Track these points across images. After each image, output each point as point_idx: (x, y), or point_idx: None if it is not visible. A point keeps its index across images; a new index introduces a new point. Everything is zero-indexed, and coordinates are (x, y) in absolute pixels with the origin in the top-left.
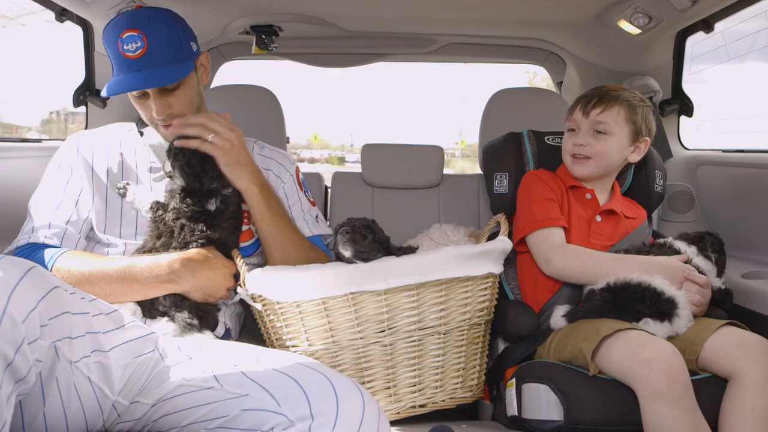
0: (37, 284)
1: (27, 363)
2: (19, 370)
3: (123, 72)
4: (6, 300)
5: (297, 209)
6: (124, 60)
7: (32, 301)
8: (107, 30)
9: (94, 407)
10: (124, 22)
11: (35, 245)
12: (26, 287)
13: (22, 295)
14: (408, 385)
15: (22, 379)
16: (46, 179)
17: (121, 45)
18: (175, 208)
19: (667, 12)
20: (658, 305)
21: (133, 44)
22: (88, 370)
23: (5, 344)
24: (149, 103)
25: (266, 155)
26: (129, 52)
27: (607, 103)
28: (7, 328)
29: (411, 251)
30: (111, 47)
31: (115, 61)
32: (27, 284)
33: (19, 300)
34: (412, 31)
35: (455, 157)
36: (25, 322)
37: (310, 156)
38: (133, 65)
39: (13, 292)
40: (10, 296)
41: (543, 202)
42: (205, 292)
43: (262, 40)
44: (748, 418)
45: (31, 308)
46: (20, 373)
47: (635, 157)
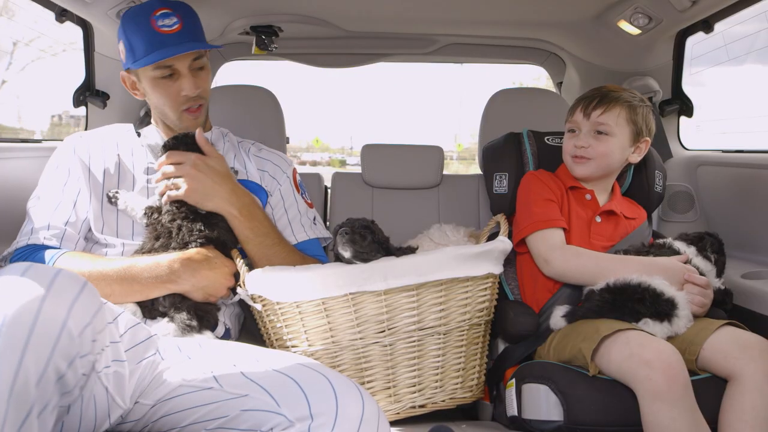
0: (92, 299)
1: (76, 377)
2: (67, 384)
3: (159, 47)
4: (66, 314)
5: (293, 212)
6: (159, 35)
7: (88, 316)
8: (131, 14)
9: (103, 414)
10: (154, 2)
11: (34, 246)
12: (84, 302)
13: (81, 310)
14: (408, 385)
15: (68, 392)
16: (44, 180)
17: (156, 22)
18: (169, 210)
19: (667, 12)
20: (658, 306)
21: (169, 20)
22: (107, 380)
23: (60, 358)
24: (179, 84)
25: (263, 156)
26: (165, 27)
27: (608, 104)
28: (64, 342)
29: (410, 251)
30: (142, 26)
31: (147, 38)
32: (85, 299)
33: (78, 314)
34: (411, 31)
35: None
36: (81, 337)
37: (311, 159)
38: (172, 38)
39: (73, 307)
40: (70, 310)
41: (543, 202)
42: (206, 292)
43: (262, 40)
44: (748, 419)
45: (87, 323)
46: (68, 386)
47: (636, 157)
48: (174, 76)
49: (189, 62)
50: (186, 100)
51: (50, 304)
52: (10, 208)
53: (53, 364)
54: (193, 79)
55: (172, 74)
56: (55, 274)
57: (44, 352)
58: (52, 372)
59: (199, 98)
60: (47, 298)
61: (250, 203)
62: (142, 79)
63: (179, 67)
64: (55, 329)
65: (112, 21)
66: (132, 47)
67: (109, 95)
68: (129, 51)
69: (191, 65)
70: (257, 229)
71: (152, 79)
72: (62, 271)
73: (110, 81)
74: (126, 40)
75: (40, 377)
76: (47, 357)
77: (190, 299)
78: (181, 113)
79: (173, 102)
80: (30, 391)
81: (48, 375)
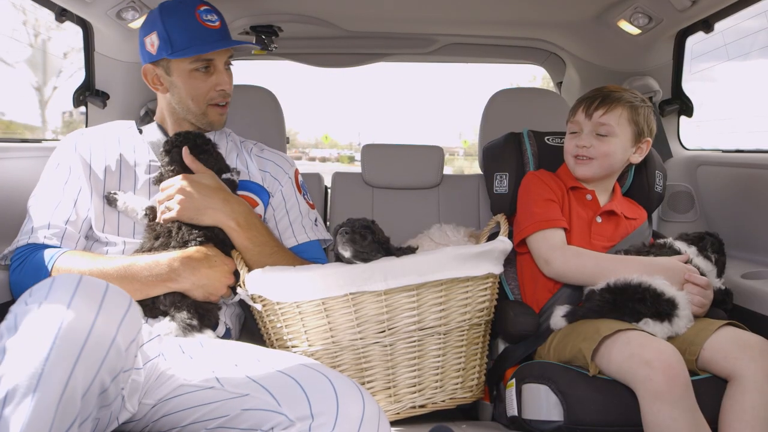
0: (137, 315)
1: (117, 391)
2: (108, 397)
3: (204, 40)
4: (116, 330)
5: (295, 213)
6: (205, 29)
7: (134, 332)
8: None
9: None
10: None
11: (35, 245)
12: (131, 318)
13: (128, 326)
14: (408, 385)
15: (107, 405)
16: (45, 178)
17: (201, 16)
18: None
19: (667, 12)
20: (658, 306)
21: (212, 16)
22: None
23: (106, 373)
24: (214, 78)
25: (265, 157)
26: (210, 23)
27: (610, 104)
28: (112, 357)
29: (411, 251)
30: (185, 19)
31: (193, 32)
32: (132, 315)
33: (126, 331)
34: (412, 31)
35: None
36: (126, 352)
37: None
38: (215, 34)
39: (122, 323)
40: (119, 327)
41: (543, 203)
42: (206, 290)
43: (262, 40)
44: (747, 419)
45: (132, 339)
46: (108, 399)
47: (637, 157)
48: (210, 71)
49: (225, 58)
50: (217, 96)
51: (102, 321)
52: (11, 208)
53: (99, 378)
54: (227, 76)
55: (208, 68)
56: (105, 289)
57: (93, 366)
58: (97, 385)
59: (228, 96)
60: (100, 314)
61: (246, 212)
62: (173, 72)
63: (217, 63)
64: (105, 345)
65: (112, 21)
66: (170, 38)
67: (109, 95)
68: (165, 42)
69: (226, 62)
70: (255, 238)
71: (188, 72)
72: (111, 287)
73: (110, 81)
74: (164, 32)
75: (86, 390)
76: (95, 371)
77: (190, 298)
78: (208, 107)
79: (203, 95)
80: (76, 402)
81: (94, 388)
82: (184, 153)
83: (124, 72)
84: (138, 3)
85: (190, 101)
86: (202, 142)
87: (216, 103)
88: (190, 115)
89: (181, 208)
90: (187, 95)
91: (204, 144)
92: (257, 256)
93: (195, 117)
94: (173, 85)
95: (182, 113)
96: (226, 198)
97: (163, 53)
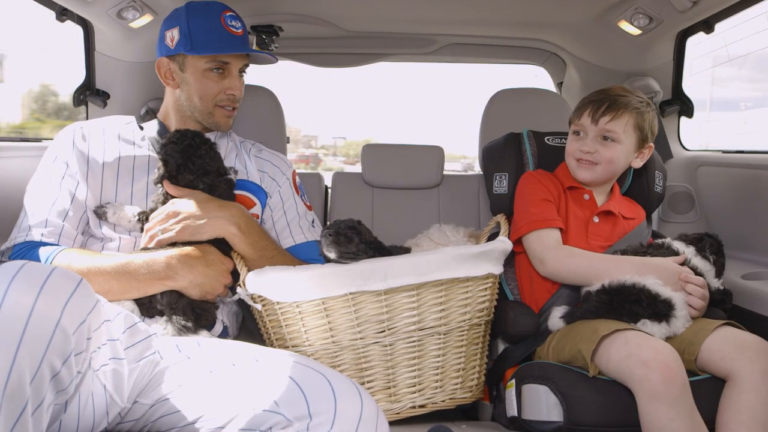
0: (87, 297)
1: (71, 375)
2: (62, 382)
3: (224, 43)
4: (60, 312)
5: (292, 213)
6: (229, 35)
7: (83, 314)
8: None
9: (102, 412)
10: (221, 4)
11: (32, 243)
12: (78, 300)
13: (75, 308)
14: (408, 385)
15: (63, 390)
16: (41, 172)
17: (226, 21)
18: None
19: (668, 13)
20: (655, 306)
21: (237, 23)
22: (104, 378)
23: (54, 356)
24: (227, 82)
25: (263, 157)
26: (234, 29)
27: (617, 111)
28: (58, 340)
29: (404, 251)
30: (210, 20)
31: (215, 33)
32: (79, 297)
33: (72, 312)
34: (412, 31)
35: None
36: (75, 335)
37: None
38: (238, 41)
39: (66, 305)
40: (64, 308)
41: (540, 203)
42: (203, 289)
43: (262, 40)
44: (744, 419)
45: (81, 321)
46: (63, 384)
47: (638, 162)
48: (223, 74)
49: (241, 65)
50: (227, 99)
51: (43, 302)
52: (11, 207)
53: (47, 362)
54: (240, 82)
55: (223, 72)
56: (50, 272)
57: (38, 350)
58: (46, 370)
59: (237, 101)
60: (40, 296)
61: (245, 215)
62: (187, 68)
63: (232, 67)
64: (48, 327)
65: (112, 20)
66: (191, 35)
67: (110, 94)
68: (185, 38)
69: (240, 69)
70: (257, 243)
71: (202, 71)
72: (57, 269)
73: (110, 80)
74: (186, 28)
75: (34, 375)
76: (41, 355)
77: (187, 298)
78: (215, 107)
79: (212, 96)
80: (24, 389)
81: (42, 373)
82: (165, 184)
83: (125, 71)
84: (138, 2)
85: (197, 99)
86: (200, 142)
87: (223, 105)
88: (196, 113)
89: (180, 231)
90: (196, 93)
91: (201, 143)
92: (260, 260)
93: (201, 115)
94: (184, 82)
95: (189, 110)
96: (220, 204)
97: (181, 48)
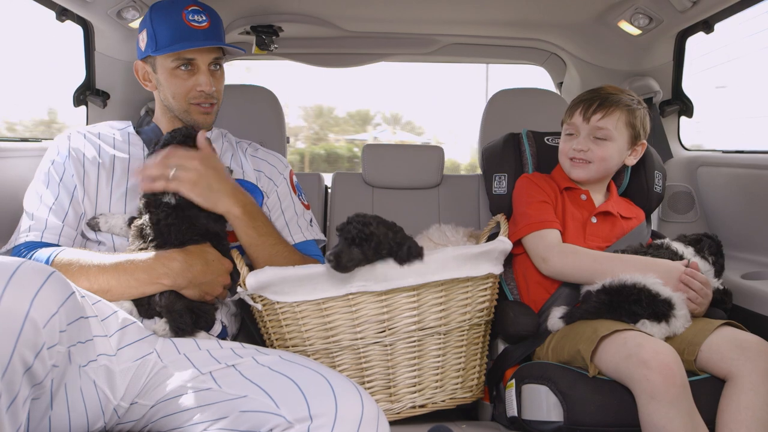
0: (58, 289)
1: (45, 368)
2: (36, 375)
3: (186, 39)
4: (29, 305)
5: (290, 213)
6: (189, 29)
7: (53, 306)
8: (162, 5)
9: (96, 410)
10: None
11: (32, 244)
12: (48, 292)
13: (44, 300)
14: (408, 385)
15: (38, 383)
16: (40, 176)
17: (187, 16)
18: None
19: (668, 13)
20: (655, 306)
21: (200, 17)
22: (94, 374)
23: (26, 349)
24: (195, 78)
25: (259, 157)
26: (196, 23)
27: (608, 108)
28: (28, 333)
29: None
30: (172, 18)
31: (176, 30)
32: (49, 289)
33: (41, 305)
34: (412, 31)
35: None
36: (46, 327)
37: None
38: (200, 35)
39: (35, 297)
40: (32, 301)
41: (537, 204)
42: (201, 290)
43: (262, 40)
44: (743, 419)
45: (52, 313)
46: (37, 377)
47: (632, 160)
48: (192, 70)
49: (209, 59)
50: (198, 96)
51: (11, 296)
52: (11, 208)
53: (18, 355)
54: (209, 77)
55: (191, 68)
56: (18, 265)
57: (8, 343)
58: (18, 363)
59: (211, 97)
60: (7, 290)
61: (252, 202)
62: (158, 69)
63: (199, 63)
64: (17, 321)
65: (112, 20)
66: (156, 36)
67: (110, 95)
68: (152, 39)
69: (210, 63)
70: (260, 228)
71: (170, 70)
72: (25, 263)
73: (111, 80)
74: (151, 29)
75: (5, 369)
76: (11, 348)
77: (186, 299)
78: (190, 105)
79: (184, 95)
80: None
81: (14, 367)
82: (200, 136)
83: (125, 71)
84: (138, 2)
85: (172, 99)
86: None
87: (198, 103)
88: (176, 112)
89: (194, 183)
90: (169, 93)
91: (191, 140)
92: (262, 247)
93: (180, 114)
94: (159, 83)
95: (171, 111)
96: (235, 187)
97: (149, 50)
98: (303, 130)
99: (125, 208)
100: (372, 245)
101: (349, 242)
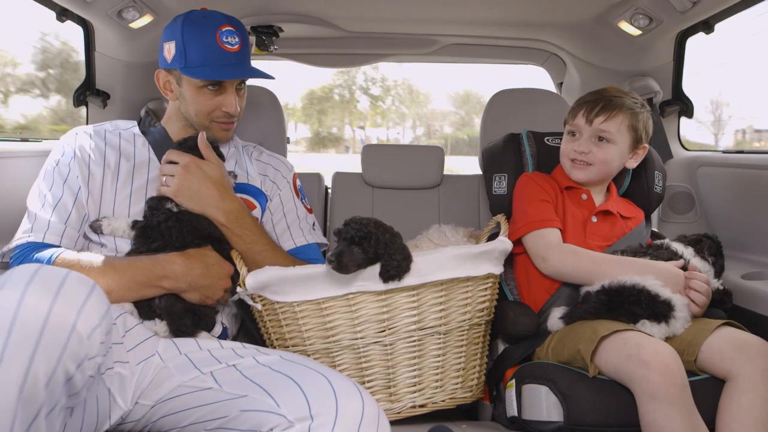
0: (101, 301)
1: (83, 379)
2: (75, 385)
3: (218, 62)
4: (76, 317)
5: (292, 216)
6: (222, 52)
7: (97, 318)
8: (195, 20)
9: (105, 415)
10: (219, 16)
11: (34, 244)
12: (93, 304)
13: (90, 313)
14: (408, 385)
15: (75, 393)
16: (44, 176)
17: (221, 37)
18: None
19: (668, 13)
20: (655, 307)
21: (233, 38)
22: (110, 382)
23: (69, 360)
24: (222, 99)
25: (264, 161)
26: (229, 45)
27: (611, 111)
28: (73, 344)
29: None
30: (206, 37)
31: (209, 51)
32: (94, 301)
33: (87, 317)
34: (412, 31)
35: None
36: (89, 339)
37: None
38: (232, 58)
39: (82, 309)
40: (79, 313)
41: (538, 203)
42: (202, 293)
43: (262, 40)
44: (743, 419)
45: (96, 325)
46: (76, 387)
47: (633, 163)
48: (219, 90)
49: (237, 82)
50: (222, 116)
51: (60, 308)
52: (11, 208)
53: (62, 366)
54: (236, 98)
55: (218, 88)
56: (65, 276)
57: (54, 354)
58: (61, 374)
59: (232, 117)
60: (57, 301)
61: (238, 210)
62: (183, 83)
63: (227, 84)
64: (64, 331)
65: (112, 21)
66: (186, 51)
67: (110, 95)
68: (181, 54)
69: (237, 85)
70: (246, 236)
71: (197, 88)
72: (71, 274)
73: (111, 80)
74: (181, 43)
75: (49, 379)
76: (57, 359)
77: (186, 301)
78: (211, 122)
79: (207, 113)
80: (39, 392)
81: (57, 377)
82: (200, 138)
83: (125, 72)
84: (139, 3)
85: (193, 114)
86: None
87: (220, 121)
88: (195, 125)
89: (178, 188)
90: (192, 108)
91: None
92: (247, 253)
93: (199, 128)
94: (181, 95)
95: (188, 121)
96: (222, 194)
97: (176, 64)
98: (450, 116)
99: (129, 210)
100: (372, 242)
101: (348, 242)
